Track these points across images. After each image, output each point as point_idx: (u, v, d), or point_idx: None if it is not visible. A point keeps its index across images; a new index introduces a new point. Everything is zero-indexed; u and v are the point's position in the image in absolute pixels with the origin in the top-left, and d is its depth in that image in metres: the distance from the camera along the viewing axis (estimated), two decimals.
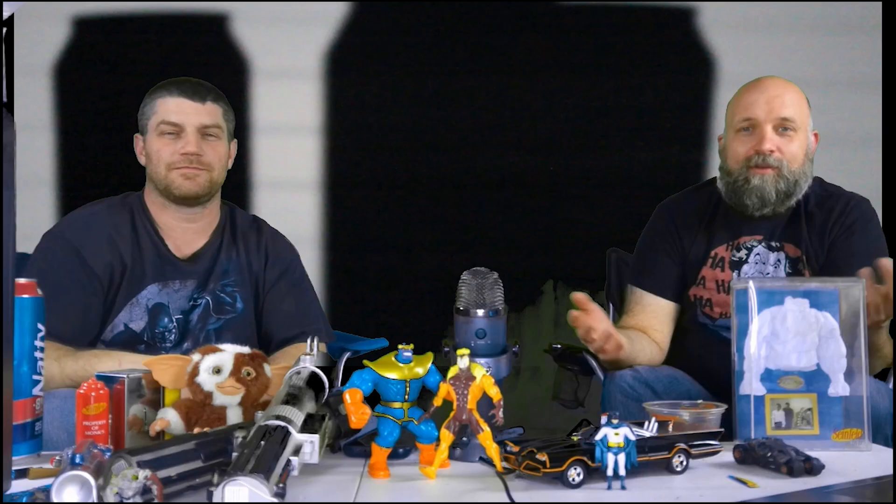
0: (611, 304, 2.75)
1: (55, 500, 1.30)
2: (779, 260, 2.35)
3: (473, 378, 1.59)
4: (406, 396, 1.62)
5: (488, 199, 3.88)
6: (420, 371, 1.63)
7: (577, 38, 3.86)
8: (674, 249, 2.44)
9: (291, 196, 3.82)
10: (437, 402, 1.61)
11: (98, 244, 2.24)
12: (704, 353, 2.31)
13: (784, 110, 2.31)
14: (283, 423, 1.39)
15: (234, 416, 1.69)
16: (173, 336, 2.26)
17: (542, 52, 3.86)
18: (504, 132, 3.88)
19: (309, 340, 1.68)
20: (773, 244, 2.36)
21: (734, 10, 3.76)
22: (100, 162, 3.62)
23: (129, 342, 2.22)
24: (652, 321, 2.41)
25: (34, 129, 3.73)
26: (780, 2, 3.73)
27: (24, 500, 1.36)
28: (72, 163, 3.80)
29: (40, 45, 3.77)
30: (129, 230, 2.28)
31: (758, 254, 2.36)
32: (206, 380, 1.69)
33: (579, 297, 2.11)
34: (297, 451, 1.39)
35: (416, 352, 1.64)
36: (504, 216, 3.86)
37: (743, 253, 2.37)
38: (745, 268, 2.36)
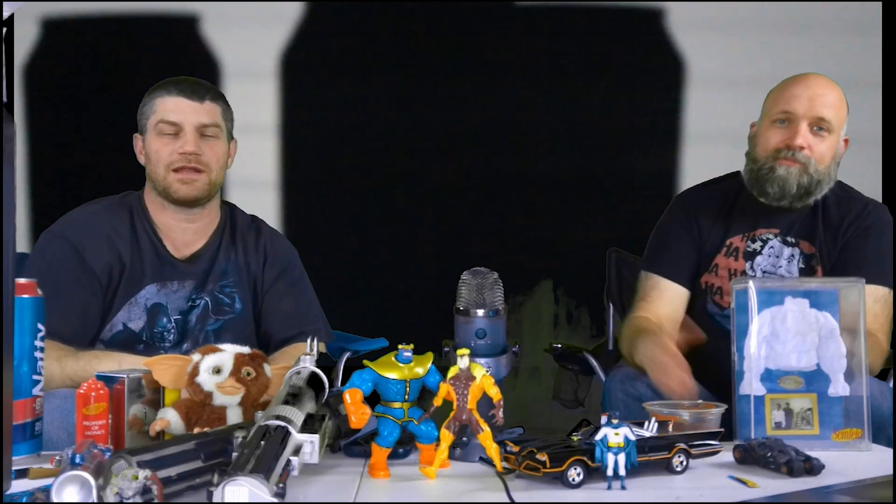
0: (610, 304, 2.75)
1: (55, 500, 1.30)
2: (793, 255, 2.35)
3: (473, 378, 1.59)
4: (406, 396, 1.62)
5: (488, 199, 3.88)
6: (420, 371, 1.63)
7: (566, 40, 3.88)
8: (692, 237, 2.43)
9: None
10: (437, 402, 1.61)
11: (97, 243, 2.24)
12: (708, 349, 2.31)
13: (824, 110, 2.31)
14: (283, 423, 1.39)
15: (234, 416, 1.69)
16: (172, 336, 2.26)
17: (523, 52, 3.87)
18: (503, 132, 3.89)
19: (308, 340, 1.68)
20: (789, 239, 2.37)
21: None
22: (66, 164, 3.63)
23: (128, 342, 2.22)
24: (668, 309, 2.39)
25: None
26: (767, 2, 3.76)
27: (24, 500, 1.36)
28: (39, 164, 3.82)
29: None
30: (127, 230, 2.28)
31: (772, 247, 2.37)
32: (206, 380, 1.69)
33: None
34: (297, 451, 1.39)
35: (416, 352, 1.64)
36: (504, 216, 3.86)
37: (758, 244, 2.37)
38: (758, 259, 2.36)
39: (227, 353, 1.72)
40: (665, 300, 2.40)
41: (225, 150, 2.31)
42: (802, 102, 2.31)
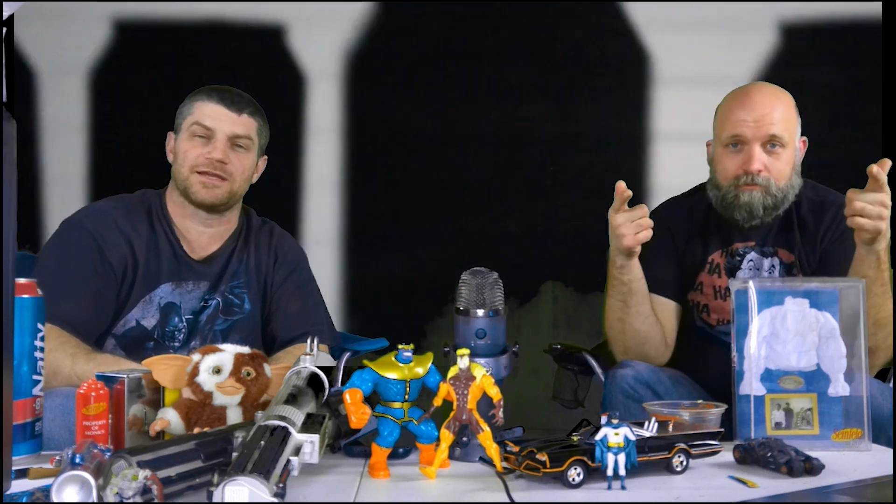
0: None
1: (55, 500, 1.30)
2: (773, 266, 2.34)
3: (473, 378, 1.59)
4: (406, 396, 1.62)
5: (488, 199, 3.87)
6: (420, 371, 1.63)
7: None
8: (671, 249, 2.42)
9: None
10: (437, 402, 1.62)
11: (115, 237, 2.26)
12: (703, 356, 2.31)
13: (772, 128, 2.28)
14: (283, 423, 1.39)
15: (234, 416, 1.69)
16: (182, 336, 2.27)
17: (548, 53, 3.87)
18: (504, 133, 3.88)
19: (309, 340, 1.68)
20: (767, 250, 2.36)
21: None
22: (132, 163, 3.62)
23: (140, 338, 2.24)
24: (664, 324, 2.38)
25: (67, 130, 3.76)
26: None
27: (24, 500, 1.36)
28: (104, 163, 3.81)
29: (78, 46, 3.79)
30: (146, 228, 2.30)
31: (751, 260, 2.36)
32: (206, 380, 1.69)
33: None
34: (297, 451, 1.39)
35: (416, 352, 1.64)
36: (504, 216, 3.86)
37: (737, 259, 2.36)
38: (739, 274, 2.35)
39: (227, 353, 1.72)
40: (657, 315, 2.38)
41: (252, 164, 2.34)
42: (749, 126, 2.29)
